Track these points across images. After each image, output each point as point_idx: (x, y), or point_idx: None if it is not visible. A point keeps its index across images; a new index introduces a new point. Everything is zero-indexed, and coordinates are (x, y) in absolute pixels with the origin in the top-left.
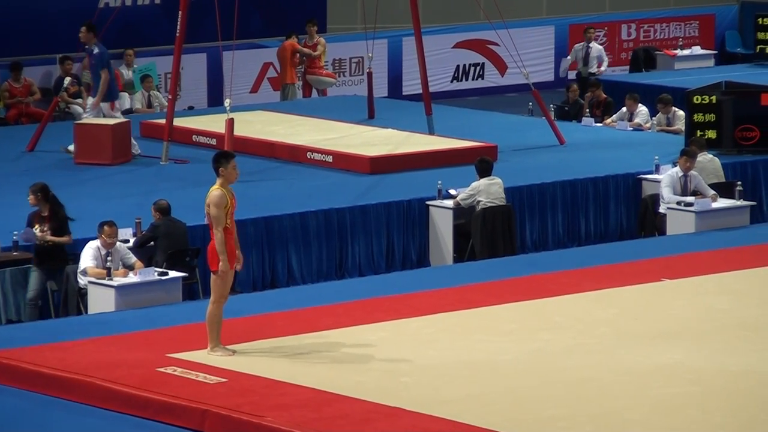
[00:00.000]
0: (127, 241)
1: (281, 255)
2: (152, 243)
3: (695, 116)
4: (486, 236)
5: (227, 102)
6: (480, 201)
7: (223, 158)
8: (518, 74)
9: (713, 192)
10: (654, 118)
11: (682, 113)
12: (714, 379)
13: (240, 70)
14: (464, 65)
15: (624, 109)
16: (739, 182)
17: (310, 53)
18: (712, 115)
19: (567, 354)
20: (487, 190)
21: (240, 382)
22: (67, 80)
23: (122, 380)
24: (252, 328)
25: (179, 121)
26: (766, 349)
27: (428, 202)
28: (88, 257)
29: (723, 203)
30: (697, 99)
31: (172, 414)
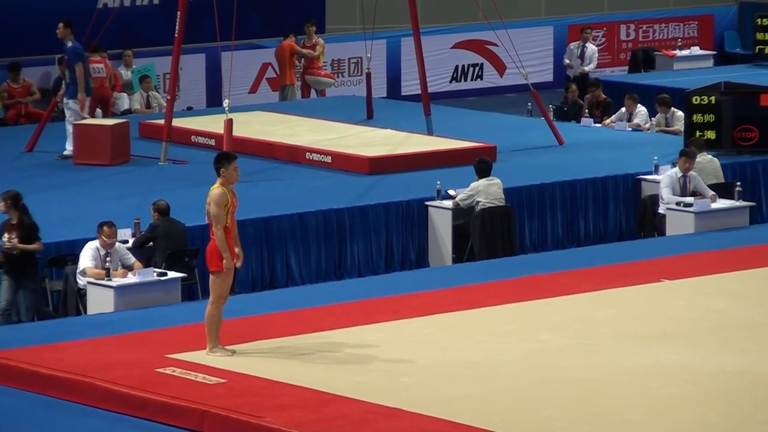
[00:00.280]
0: (126, 242)
1: (280, 255)
2: (151, 243)
3: (694, 117)
4: (485, 237)
5: (226, 102)
6: (479, 201)
7: (225, 159)
8: (517, 75)
9: (712, 192)
10: (653, 119)
11: (681, 114)
12: (711, 380)
13: (239, 71)
14: (463, 65)
15: (623, 110)
16: (739, 183)
17: (309, 54)
18: (711, 116)
19: (566, 354)
20: (486, 191)
21: (239, 383)
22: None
23: (121, 381)
24: (251, 329)
25: (178, 122)
26: (764, 350)
27: (427, 203)
28: (87, 258)
29: (722, 204)
30: (696, 99)
31: (171, 414)
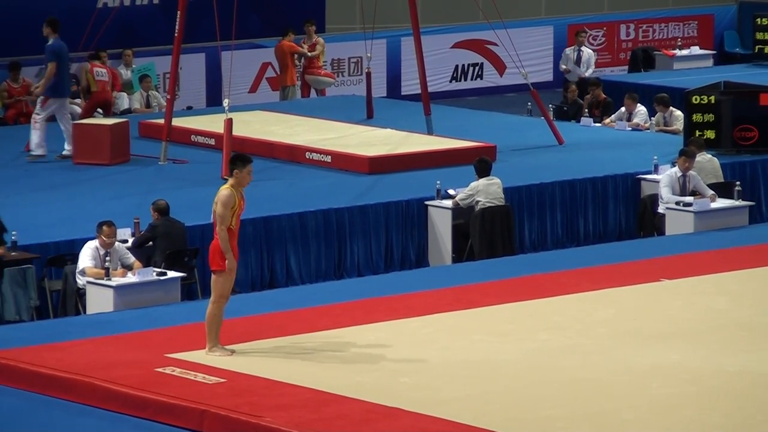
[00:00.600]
0: (126, 241)
1: (280, 255)
2: (151, 243)
3: (694, 116)
4: (485, 236)
5: (226, 102)
6: (479, 201)
7: (240, 161)
8: (517, 74)
9: (712, 192)
10: (653, 118)
11: (680, 113)
12: (711, 380)
13: (238, 70)
14: (463, 65)
15: (623, 109)
16: (738, 182)
17: (306, 52)
18: (711, 115)
19: (565, 354)
20: (486, 190)
21: (239, 383)
22: None
23: (121, 380)
24: (251, 328)
25: (178, 121)
26: (763, 350)
27: (427, 202)
28: (87, 257)
29: (722, 203)
30: (696, 99)
31: (171, 414)
